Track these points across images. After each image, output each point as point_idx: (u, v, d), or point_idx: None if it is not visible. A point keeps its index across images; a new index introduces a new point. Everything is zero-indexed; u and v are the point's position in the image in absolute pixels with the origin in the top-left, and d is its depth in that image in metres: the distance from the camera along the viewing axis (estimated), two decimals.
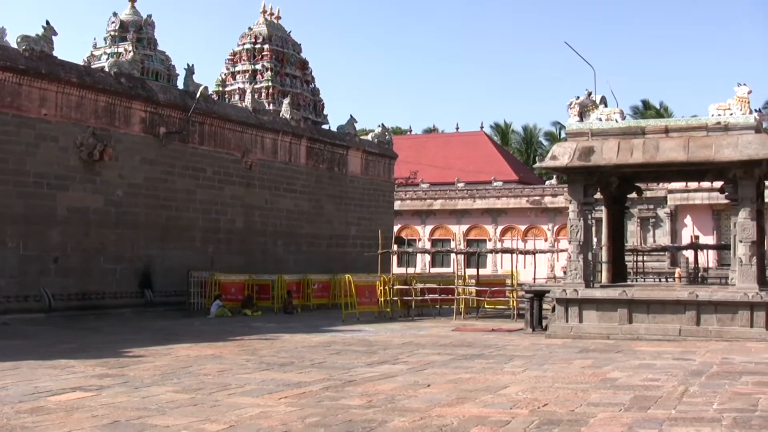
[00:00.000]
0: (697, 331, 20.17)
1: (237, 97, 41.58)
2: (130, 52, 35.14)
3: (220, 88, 43.00)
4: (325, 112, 44.55)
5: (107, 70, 30.78)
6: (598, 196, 23.53)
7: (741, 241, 20.41)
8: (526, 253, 34.50)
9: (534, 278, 33.32)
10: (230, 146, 35.07)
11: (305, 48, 44.60)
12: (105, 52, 37.42)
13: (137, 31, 38.00)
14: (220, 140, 34.57)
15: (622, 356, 16.81)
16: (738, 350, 17.62)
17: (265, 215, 36.86)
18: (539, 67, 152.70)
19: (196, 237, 33.31)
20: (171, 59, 38.42)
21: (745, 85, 21.02)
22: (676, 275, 45.70)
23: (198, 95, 33.20)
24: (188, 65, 34.71)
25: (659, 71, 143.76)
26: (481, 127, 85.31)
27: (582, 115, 22.18)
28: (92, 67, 33.69)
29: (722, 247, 39.84)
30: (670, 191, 54.00)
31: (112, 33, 38.11)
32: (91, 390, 12.50)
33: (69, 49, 53.91)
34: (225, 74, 43.59)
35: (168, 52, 38.64)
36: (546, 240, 59.24)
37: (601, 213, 26.45)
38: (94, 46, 38.72)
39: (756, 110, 21.34)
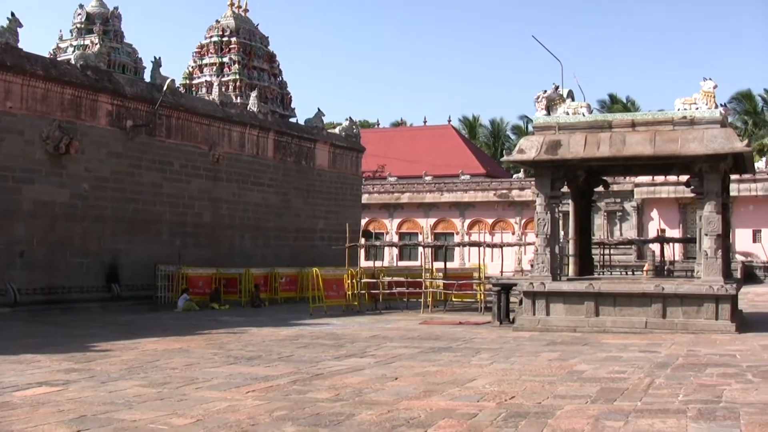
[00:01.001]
0: (663, 323, 20.28)
1: (204, 90, 41.44)
2: (96, 44, 34.99)
3: (188, 81, 42.85)
4: (292, 106, 44.52)
5: (73, 62, 30.58)
6: (565, 189, 23.55)
7: (706, 235, 20.52)
8: (493, 246, 34.57)
9: (501, 271, 33.38)
10: (197, 139, 34.96)
11: (273, 41, 44.56)
12: (71, 45, 37.26)
13: (104, 23, 37.82)
14: (188, 133, 34.46)
15: (588, 349, 16.88)
16: (703, 342, 17.74)
17: (232, 209, 36.77)
18: (507, 61, 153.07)
19: (163, 231, 33.19)
20: (138, 52, 38.29)
21: (710, 79, 21.12)
22: (645, 268, 45.95)
23: (165, 88, 33.06)
24: (155, 58, 34.61)
25: (626, 66, 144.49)
26: (449, 121, 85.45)
27: (549, 109, 22.22)
28: (58, 59, 33.44)
29: (688, 241, 40.16)
30: (637, 185, 54.34)
31: (79, 25, 37.93)
32: (57, 385, 12.44)
33: (35, 42, 53.70)
34: (192, 67, 43.44)
35: (135, 44, 38.55)
36: (513, 233, 59.42)
37: (568, 206, 26.53)
38: (60, 39, 38.52)
39: (721, 105, 21.42)
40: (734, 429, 8.95)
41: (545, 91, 22.39)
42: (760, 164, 55.15)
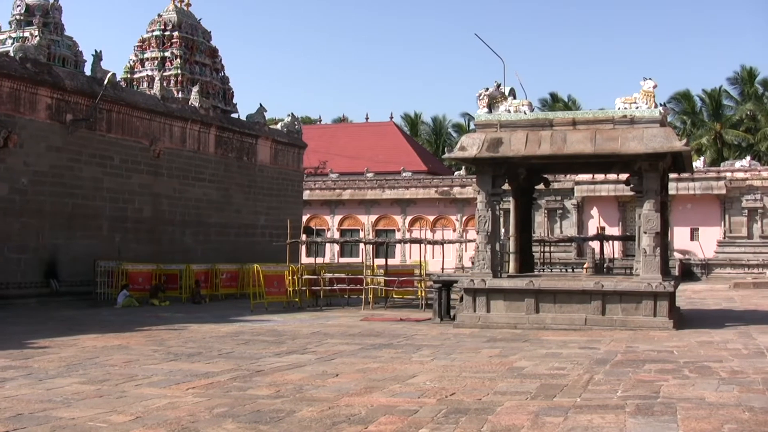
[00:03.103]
0: (603, 320, 20.45)
1: (145, 84, 41.09)
2: (36, 36, 34.52)
3: (129, 75, 42.46)
4: (234, 101, 44.29)
5: (12, 54, 30.19)
6: (506, 187, 23.66)
7: (645, 232, 20.71)
8: (434, 243, 34.61)
9: (442, 268, 33.53)
10: (138, 134, 34.68)
11: (215, 36, 44.36)
12: (10, 37, 36.75)
13: (43, 15, 37.36)
14: (128, 128, 34.17)
15: (529, 345, 16.98)
16: (642, 339, 17.91)
17: (173, 204, 36.53)
18: (449, 59, 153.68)
19: (103, 226, 32.89)
20: (78, 45, 37.87)
21: (650, 79, 21.31)
22: (585, 266, 46.31)
23: (106, 82, 32.76)
24: (96, 51, 34.21)
25: (568, 65, 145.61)
26: (391, 118, 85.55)
27: (491, 106, 22.29)
28: None
29: (627, 238, 40.47)
30: (578, 183, 54.72)
31: (18, 17, 37.43)
32: None
33: None
34: (133, 61, 43.07)
35: (75, 37, 38.12)
36: (454, 230, 59.59)
37: (509, 204, 26.65)
38: None
39: (661, 104, 21.61)
40: (671, 424, 9.06)
41: (487, 89, 22.45)
42: (698, 163, 55.87)
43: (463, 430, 8.95)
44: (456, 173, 63.84)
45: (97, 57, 34.02)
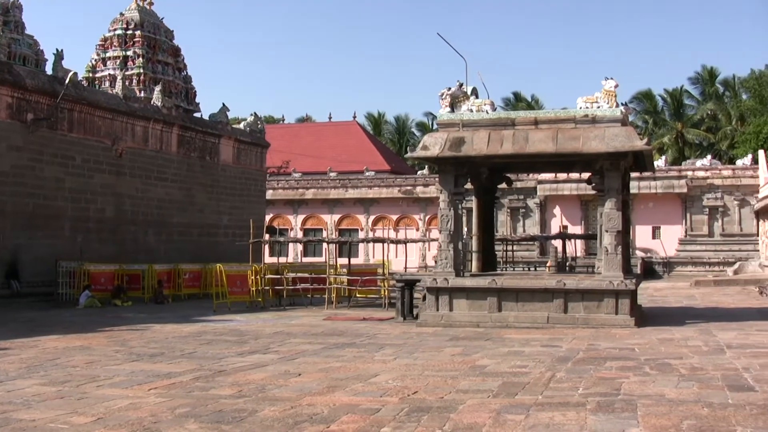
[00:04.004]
0: (565, 318, 20.54)
1: (107, 83, 40.86)
2: None
3: (90, 75, 42.19)
4: (197, 100, 44.13)
5: None
6: (469, 186, 23.72)
7: (607, 231, 20.81)
8: (397, 242, 34.68)
9: (405, 267, 33.52)
10: (100, 134, 34.49)
11: (178, 35, 44.06)
12: None
13: (4, 13, 37.02)
14: (90, 127, 33.97)
15: (491, 344, 17.03)
16: (603, 337, 18.00)
17: (135, 204, 36.36)
18: (412, 58, 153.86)
19: (64, 226, 32.68)
20: (39, 44, 37.55)
21: (612, 79, 21.41)
22: (548, 264, 46.49)
23: (67, 81, 32.56)
24: (57, 50, 33.96)
25: (531, 64, 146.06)
26: (354, 117, 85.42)
27: (453, 106, 22.32)
28: None
29: (589, 237, 40.64)
30: (540, 182, 54.92)
31: None
32: None
33: None
34: (95, 60, 42.80)
35: (36, 36, 37.86)
36: (417, 229, 59.65)
37: (472, 203, 26.70)
38: None
39: (622, 103, 21.70)
40: (632, 420, 9.12)
41: (449, 89, 22.47)
42: (659, 162, 56.21)
43: (425, 429, 8.96)
44: (419, 172, 63.88)
45: (59, 56, 33.78)
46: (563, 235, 38.96)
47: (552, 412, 9.64)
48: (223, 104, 43.85)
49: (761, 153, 52.95)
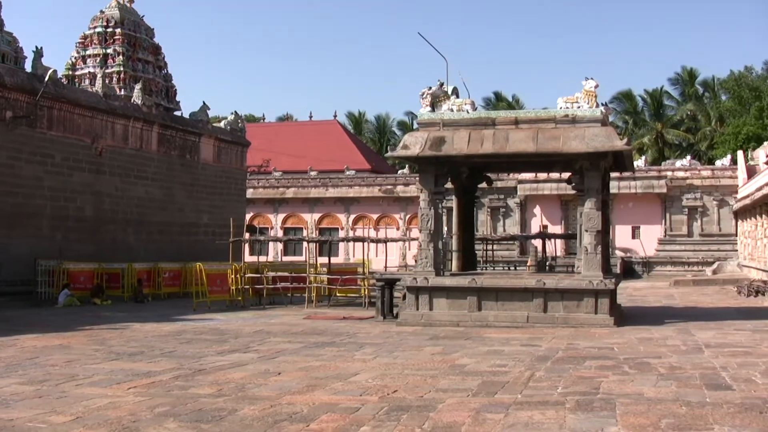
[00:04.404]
0: (545, 317, 20.59)
1: (87, 81, 40.68)
2: None
3: (70, 72, 41.99)
4: (177, 99, 43.95)
5: None
6: (449, 185, 23.75)
7: (587, 231, 20.87)
8: (377, 241, 34.69)
9: (385, 267, 33.52)
10: (80, 132, 34.34)
11: (158, 33, 43.87)
12: None
13: None
14: (70, 126, 33.82)
15: (471, 343, 17.06)
16: (583, 336, 18.05)
17: (115, 203, 36.22)
18: (393, 58, 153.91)
19: (43, 225, 32.52)
20: (18, 41, 37.32)
21: (592, 79, 21.47)
22: (528, 263, 46.56)
23: (47, 79, 32.40)
24: (37, 48, 33.76)
25: (512, 64, 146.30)
26: (335, 116, 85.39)
27: (434, 105, 22.34)
28: None
29: (569, 236, 40.71)
30: (520, 181, 55.01)
31: None
32: None
33: None
34: (75, 58, 42.60)
35: (15, 33, 37.59)
36: (398, 229, 59.67)
37: (452, 202, 26.74)
38: None
39: (603, 104, 21.77)
40: (610, 419, 9.16)
41: (430, 88, 22.50)
42: (639, 162, 56.44)
43: (405, 428, 8.98)
44: (399, 172, 63.91)
45: (38, 53, 33.60)
46: (543, 235, 39.01)
47: (531, 411, 9.67)
48: (204, 103, 43.83)
49: (740, 154, 53.25)
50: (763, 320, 21.50)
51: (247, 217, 53.67)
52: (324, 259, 32.48)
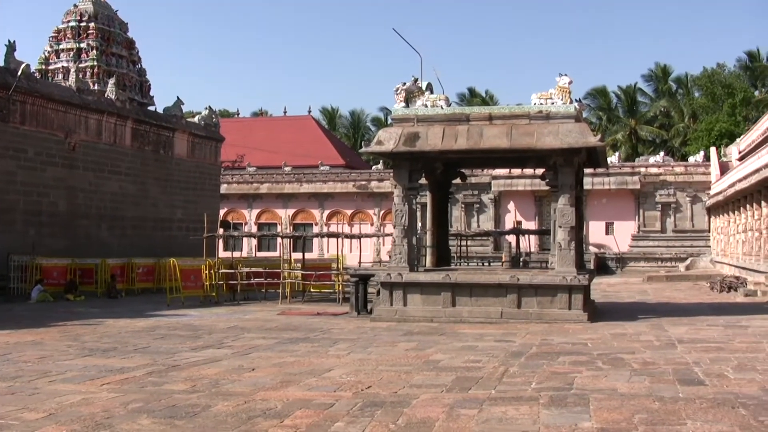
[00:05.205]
0: (519, 313, 20.63)
1: (61, 76, 40.50)
2: None
3: (43, 67, 41.79)
4: (151, 94, 43.86)
5: None
6: (423, 181, 23.76)
7: (560, 227, 20.93)
8: (352, 237, 34.67)
9: (360, 262, 33.55)
10: (53, 126, 34.15)
11: (132, 27, 43.71)
12: None
13: None
14: (43, 120, 33.62)
15: (445, 339, 17.08)
16: (557, 332, 18.11)
17: (89, 198, 36.04)
18: (367, 53, 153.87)
19: (16, 220, 32.33)
20: None
21: (566, 75, 21.52)
22: (503, 259, 46.66)
23: (20, 73, 32.21)
24: (9, 41, 33.57)
25: (486, 60, 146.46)
26: (309, 111, 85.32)
27: (408, 101, 22.34)
28: None
29: (543, 232, 40.90)
30: (494, 177, 55.08)
31: None
32: None
33: None
34: (48, 52, 42.39)
35: None
36: (372, 224, 59.67)
37: (427, 198, 26.77)
38: None
39: (576, 100, 21.84)
40: (584, 414, 9.19)
41: (404, 84, 22.50)
42: (613, 159, 56.59)
43: (379, 423, 8.98)
44: (374, 167, 63.95)
45: (11, 47, 33.41)
46: (517, 231, 39.15)
47: (505, 407, 9.69)
48: (178, 98, 43.65)
49: (713, 150, 53.56)
50: (736, 316, 21.61)
51: (221, 212, 53.52)
52: (298, 255, 32.48)
